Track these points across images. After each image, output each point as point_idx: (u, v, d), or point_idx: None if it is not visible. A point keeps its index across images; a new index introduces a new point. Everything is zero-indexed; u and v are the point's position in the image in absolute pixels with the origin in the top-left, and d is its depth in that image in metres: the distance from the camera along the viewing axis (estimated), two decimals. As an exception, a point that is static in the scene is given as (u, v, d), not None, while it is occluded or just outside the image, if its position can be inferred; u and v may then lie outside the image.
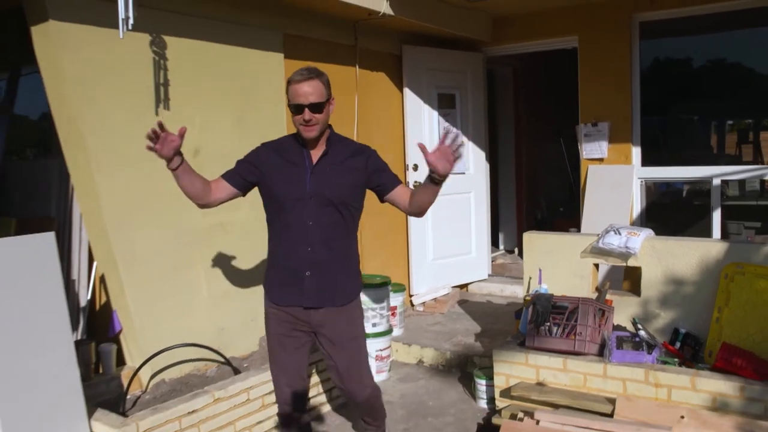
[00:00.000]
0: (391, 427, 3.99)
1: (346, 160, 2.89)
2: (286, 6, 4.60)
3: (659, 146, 6.00)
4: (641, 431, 3.23)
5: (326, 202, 2.82)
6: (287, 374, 2.98)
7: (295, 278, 2.87)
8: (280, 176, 2.87)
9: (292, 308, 2.89)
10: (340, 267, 2.92)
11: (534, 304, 3.95)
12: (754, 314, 3.57)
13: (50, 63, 3.47)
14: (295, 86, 2.76)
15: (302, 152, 2.88)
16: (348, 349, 2.94)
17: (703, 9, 5.42)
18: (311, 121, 2.75)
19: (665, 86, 6.18)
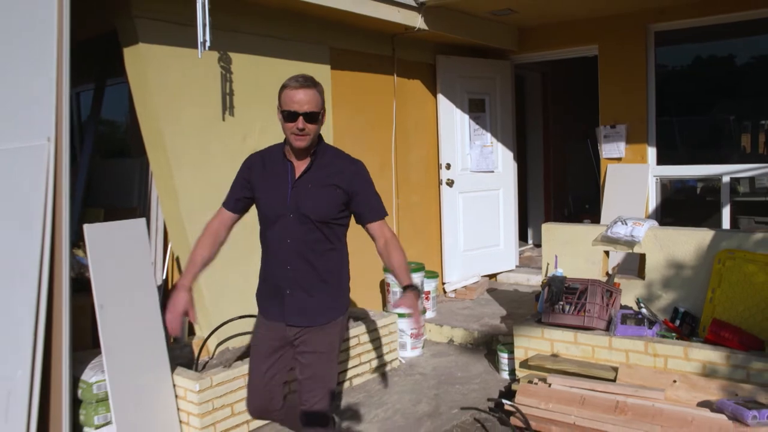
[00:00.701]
0: (424, 392, 4.59)
1: (329, 176, 2.78)
2: (332, 23, 5.22)
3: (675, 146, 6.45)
4: (638, 392, 3.76)
5: (305, 220, 2.74)
6: (257, 382, 2.93)
7: (277, 295, 2.85)
8: (264, 189, 2.82)
9: (276, 322, 2.89)
10: (321, 286, 2.84)
11: (549, 285, 4.50)
12: (742, 294, 4.07)
13: (138, 77, 4.14)
14: (290, 92, 2.68)
15: (286, 165, 2.81)
16: (313, 360, 2.84)
17: (711, 20, 5.89)
18: (304, 130, 2.67)
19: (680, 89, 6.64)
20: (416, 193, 6.44)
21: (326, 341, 2.86)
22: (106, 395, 3.55)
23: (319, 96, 2.72)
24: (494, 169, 6.97)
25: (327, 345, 2.86)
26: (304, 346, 2.83)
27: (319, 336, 2.83)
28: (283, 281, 2.81)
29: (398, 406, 4.35)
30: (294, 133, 2.69)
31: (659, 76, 6.25)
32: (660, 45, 6.23)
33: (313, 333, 2.82)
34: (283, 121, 2.71)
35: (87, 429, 3.57)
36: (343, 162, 2.85)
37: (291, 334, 2.85)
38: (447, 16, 5.83)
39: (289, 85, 2.69)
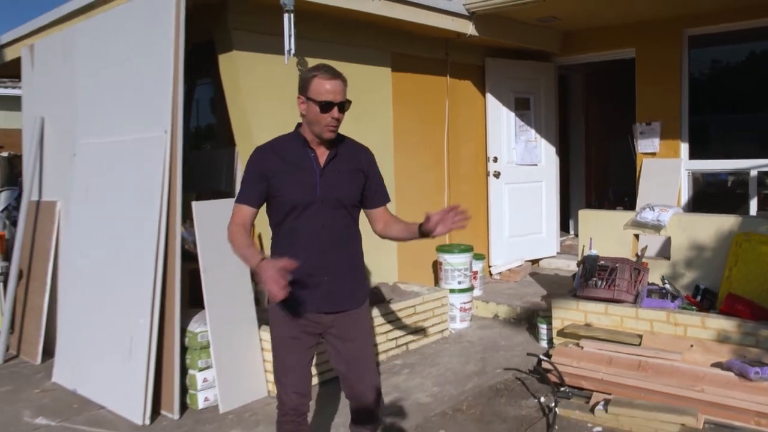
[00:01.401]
0: (471, 356, 5.23)
1: (351, 161, 2.83)
2: (393, 31, 5.88)
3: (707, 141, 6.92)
4: (658, 354, 4.34)
5: (338, 205, 2.76)
6: (293, 376, 2.87)
7: (312, 284, 2.77)
8: (288, 181, 2.73)
9: (307, 314, 2.81)
10: (354, 269, 2.90)
11: (584, 263, 5.10)
12: (756, 272, 4.61)
13: (230, 80, 4.88)
14: (323, 81, 2.63)
15: (307, 154, 2.76)
16: (356, 343, 2.88)
17: (742, 24, 6.35)
18: (339, 120, 2.68)
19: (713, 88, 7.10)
20: (466, 183, 7.07)
21: (365, 322, 2.96)
22: (207, 344, 4.29)
23: (346, 87, 2.70)
24: (538, 163, 7.55)
25: (367, 326, 2.97)
26: (345, 331, 2.85)
27: (358, 318, 2.89)
28: (318, 269, 2.76)
29: (449, 366, 5.01)
30: (329, 124, 2.65)
31: (694, 76, 6.75)
32: (694, 48, 6.73)
33: (351, 317, 2.86)
34: (319, 111, 2.63)
35: (191, 371, 4.31)
36: (358, 147, 2.91)
37: (326, 321, 2.83)
38: (495, 23, 6.44)
39: (320, 75, 2.64)
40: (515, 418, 4.04)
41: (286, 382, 2.86)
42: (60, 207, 5.51)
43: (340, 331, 2.84)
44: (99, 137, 4.89)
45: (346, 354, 2.86)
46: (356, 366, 2.87)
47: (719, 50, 7.01)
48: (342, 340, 2.85)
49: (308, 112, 2.68)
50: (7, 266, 5.73)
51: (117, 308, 4.42)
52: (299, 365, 2.86)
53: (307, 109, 2.68)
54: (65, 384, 4.84)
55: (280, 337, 2.88)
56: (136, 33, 4.52)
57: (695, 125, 6.78)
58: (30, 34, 6.27)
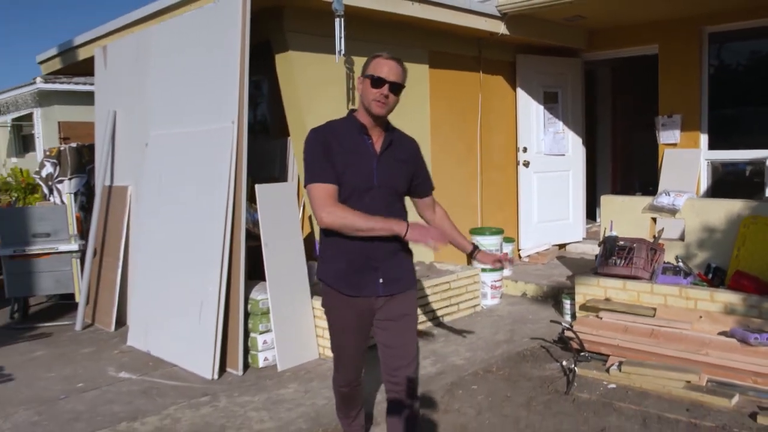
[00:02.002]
0: (501, 327, 5.76)
1: (403, 151, 2.95)
2: (431, 31, 6.40)
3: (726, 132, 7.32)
4: (670, 324, 4.83)
5: (392, 192, 2.87)
6: (354, 360, 3.05)
7: (370, 268, 2.86)
8: (347, 165, 2.79)
9: (362, 297, 2.90)
10: (403, 254, 2.97)
11: (604, 243, 5.59)
12: (761, 251, 5.05)
13: (286, 77, 5.46)
14: (381, 60, 2.77)
15: (364, 140, 2.85)
16: (403, 323, 2.96)
17: (760, 22, 6.74)
18: (388, 98, 2.75)
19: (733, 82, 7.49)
20: (497, 172, 7.58)
21: (413, 305, 3.03)
22: (267, 310, 4.89)
23: (404, 74, 2.81)
24: (565, 153, 8.03)
25: (414, 308, 3.04)
26: (393, 312, 2.93)
27: (406, 301, 2.98)
28: (374, 253, 2.84)
29: (481, 335, 5.55)
30: (377, 99, 2.73)
31: (713, 71, 7.17)
32: (714, 44, 7.13)
33: (400, 299, 2.94)
34: (370, 86, 2.74)
35: (253, 334, 4.91)
36: (408, 138, 3.03)
37: (378, 304, 2.92)
38: (525, 23, 6.93)
39: (382, 55, 2.80)
40: (539, 377, 4.57)
41: (345, 361, 3.07)
42: (131, 191, 6.16)
43: (390, 311, 2.92)
44: (170, 129, 5.51)
45: (393, 332, 2.95)
46: (400, 344, 2.95)
47: (738, 46, 7.39)
48: (391, 320, 2.94)
49: (363, 90, 2.79)
50: (84, 245, 6.41)
51: (188, 278, 5.04)
52: (356, 348, 3.02)
53: (363, 87, 2.80)
54: (139, 347, 5.49)
55: (338, 320, 3.00)
56: (206, 35, 5.12)
57: (714, 117, 7.19)
58: (101, 37, 6.93)
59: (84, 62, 7.48)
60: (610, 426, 3.76)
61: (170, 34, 5.57)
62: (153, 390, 4.57)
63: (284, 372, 4.82)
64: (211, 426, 3.93)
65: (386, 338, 2.95)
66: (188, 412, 4.16)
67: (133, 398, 4.43)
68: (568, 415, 3.94)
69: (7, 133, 18.87)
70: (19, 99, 16.48)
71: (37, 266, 6.35)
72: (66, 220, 6.48)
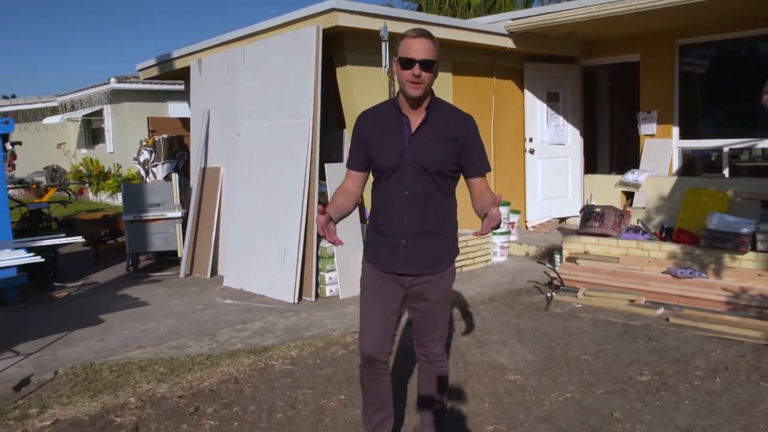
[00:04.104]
0: (506, 275, 7.55)
1: (444, 128, 2.85)
2: (454, 47, 8.17)
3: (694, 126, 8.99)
4: (627, 266, 6.58)
5: (422, 172, 2.80)
6: (372, 327, 3.00)
7: (391, 245, 2.91)
8: (381, 145, 2.85)
9: (386, 272, 2.96)
10: (434, 236, 2.93)
11: (583, 210, 7.35)
12: (697, 214, 6.78)
13: (345, 84, 7.30)
14: (408, 41, 2.73)
15: (401, 119, 2.84)
16: (431, 305, 2.99)
17: (722, 36, 8.39)
18: (420, 77, 2.70)
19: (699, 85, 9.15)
20: (508, 158, 9.35)
21: (442, 289, 3.00)
22: (332, 255, 6.73)
23: (434, 47, 2.75)
24: (564, 142, 9.77)
25: (443, 293, 3.01)
26: (421, 294, 2.96)
27: (435, 284, 2.96)
28: (397, 231, 2.88)
29: (489, 279, 7.36)
30: (410, 81, 2.71)
31: (684, 75, 8.85)
32: (684, 53, 8.81)
33: (429, 281, 2.94)
34: (400, 68, 2.74)
35: (322, 272, 6.77)
36: (456, 115, 2.92)
37: (405, 282, 2.95)
38: (529, 39, 8.68)
39: (408, 35, 2.75)
40: (528, 303, 6.36)
41: (365, 332, 3.02)
42: (223, 171, 8.06)
43: (418, 292, 2.96)
44: (258, 123, 7.39)
45: (422, 312, 3.01)
46: (428, 324, 3.03)
47: (703, 55, 9.08)
48: (420, 300, 2.98)
49: (397, 72, 2.79)
50: (185, 212, 8.34)
51: (274, 232, 6.91)
52: (381, 317, 2.99)
53: (397, 69, 2.79)
54: (234, 285, 7.39)
55: (366, 286, 3.05)
56: (287, 54, 6.98)
57: (683, 113, 8.88)
58: (195, 52, 8.85)
59: (178, 70, 9.41)
60: (571, 326, 5.54)
61: (258, 52, 7.46)
62: (252, 309, 6.47)
63: (345, 299, 6.67)
64: (298, 326, 5.80)
65: (416, 318, 3.06)
66: (281, 319, 6.04)
67: (240, 313, 6.33)
68: (544, 321, 5.73)
69: (77, 127, 21.07)
70: (93, 97, 18.63)
71: (150, 229, 8.29)
72: (172, 194, 8.41)
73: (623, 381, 4.28)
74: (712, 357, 4.64)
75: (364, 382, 3.14)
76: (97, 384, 4.50)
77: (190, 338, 5.54)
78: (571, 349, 4.93)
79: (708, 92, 9.09)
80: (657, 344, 4.95)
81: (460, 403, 3.99)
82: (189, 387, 4.38)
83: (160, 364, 4.84)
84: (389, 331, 3.02)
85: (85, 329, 5.93)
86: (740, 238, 6.12)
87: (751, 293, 5.60)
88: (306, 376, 4.53)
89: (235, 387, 4.37)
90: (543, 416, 3.80)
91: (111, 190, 17.62)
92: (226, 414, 3.95)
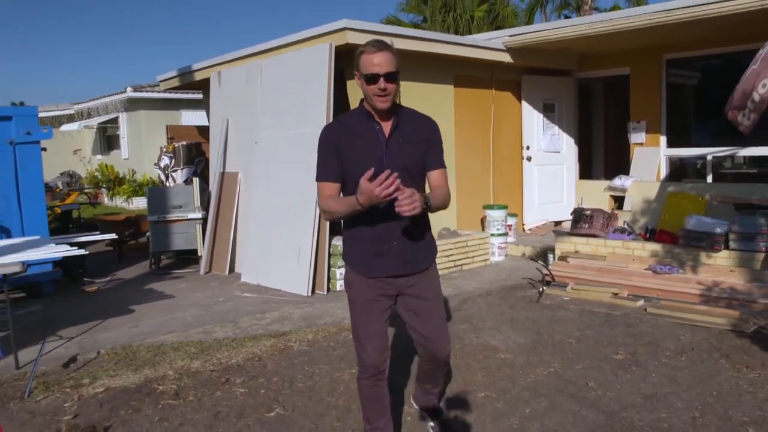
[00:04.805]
0: (502, 273, 8.15)
1: (415, 130, 2.97)
2: (455, 61, 8.80)
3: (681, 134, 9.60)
4: (612, 264, 7.18)
5: (404, 174, 2.80)
6: (373, 338, 3.02)
7: (382, 249, 2.96)
8: (357, 153, 2.89)
9: (380, 278, 2.99)
10: (420, 234, 3.05)
11: (574, 212, 7.96)
12: (677, 216, 7.37)
13: (354, 95, 7.92)
14: (368, 56, 2.77)
15: (373, 126, 2.91)
16: (429, 302, 3.09)
17: (705, 51, 9.02)
18: (386, 90, 2.77)
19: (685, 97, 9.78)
20: (506, 165, 9.96)
21: (435, 284, 3.14)
22: (342, 252, 7.35)
23: (394, 57, 2.81)
24: (560, 150, 10.38)
25: (437, 287, 3.15)
26: (417, 293, 3.06)
27: (428, 281, 3.10)
28: (387, 235, 2.94)
29: (487, 277, 7.96)
30: (377, 95, 2.79)
31: (670, 87, 9.47)
32: (670, 67, 9.43)
33: (422, 279, 3.07)
34: (365, 84, 2.81)
35: (333, 268, 7.38)
36: (422, 117, 3.06)
37: (400, 283, 3.03)
38: (525, 53, 9.31)
39: (367, 50, 2.79)
40: (522, 296, 6.95)
41: (365, 345, 3.03)
42: (240, 175, 8.70)
43: (413, 291, 3.06)
44: (274, 131, 8.03)
45: (421, 312, 3.08)
46: (430, 321, 3.11)
47: (688, 69, 9.70)
48: (416, 299, 3.08)
49: (362, 87, 2.86)
50: (205, 214, 8.97)
51: (289, 232, 7.53)
52: (376, 325, 3.04)
53: (361, 84, 2.86)
54: (251, 281, 8.00)
55: (358, 299, 3.06)
56: (303, 69, 7.62)
57: (670, 124, 9.49)
58: (214, 65, 9.51)
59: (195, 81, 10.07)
60: (558, 315, 6.14)
61: (275, 66, 8.10)
62: (270, 301, 7.08)
63: (353, 293, 7.28)
64: (312, 315, 6.41)
65: (419, 322, 3.12)
66: (296, 309, 6.65)
67: (259, 304, 6.94)
68: (534, 311, 6.33)
69: (93, 134, 21.79)
70: (109, 105, 19.35)
71: (173, 229, 8.93)
72: (193, 197, 9.04)
73: (600, 359, 4.87)
74: (681, 340, 5.24)
75: (363, 392, 3.16)
76: (137, 361, 5.11)
77: (215, 325, 6.16)
78: (557, 334, 5.53)
79: (693, 103, 9.72)
80: (633, 330, 5.55)
81: (456, 375, 4.59)
82: (219, 363, 5.00)
83: (190, 346, 5.45)
84: (385, 339, 3.10)
85: (119, 318, 6.55)
86: (715, 237, 6.72)
87: (722, 287, 6.19)
88: (321, 355, 5.14)
89: (259, 363, 4.98)
90: (528, 386, 4.40)
91: (126, 195, 18.30)
92: (253, 384, 4.56)
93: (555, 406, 4.05)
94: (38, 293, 7.60)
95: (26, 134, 7.41)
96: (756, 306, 5.85)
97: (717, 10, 6.99)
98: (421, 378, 3.48)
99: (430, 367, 3.32)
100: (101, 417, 4.08)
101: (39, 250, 5.58)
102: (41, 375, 4.83)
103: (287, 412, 4.09)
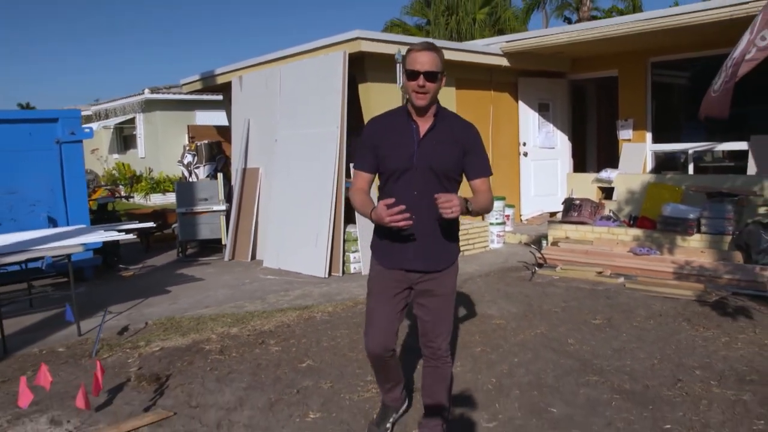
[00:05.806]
0: (500, 257, 8.97)
1: (451, 134, 3.05)
2: (456, 65, 9.61)
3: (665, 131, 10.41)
4: (598, 247, 8.00)
5: (431, 173, 2.95)
6: (379, 325, 3.17)
7: (400, 244, 3.06)
8: (391, 148, 3.02)
9: (395, 270, 3.12)
10: (441, 235, 3.09)
11: (565, 201, 8.78)
12: (657, 204, 8.18)
13: (365, 97, 8.75)
14: (414, 54, 2.93)
15: (410, 125, 3.02)
16: (438, 300, 3.15)
17: (687, 55, 9.82)
18: (424, 88, 2.90)
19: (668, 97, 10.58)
20: (504, 160, 10.78)
21: (448, 285, 3.18)
22: (356, 238, 8.16)
23: (438, 59, 2.93)
24: (554, 146, 11.20)
25: (449, 288, 3.19)
26: (428, 290, 3.14)
27: (441, 281, 3.14)
28: (407, 230, 2.98)
29: (486, 261, 8.78)
30: (415, 91, 2.91)
31: (655, 88, 10.28)
32: (655, 69, 10.24)
33: (435, 278, 3.13)
34: (407, 80, 2.95)
35: (347, 253, 8.20)
36: (461, 123, 3.15)
37: (413, 278, 3.13)
38: (521, 57, 10.12)
39: (414, 49, 2.96)
40: (517, 276, 7.77)
41: (372, 333, 3.21)
42: (261, 171, 9.53)
43: (426, 287, 3.14)
44: (293, 131, 8.86)
45: (429, 308, 3.18)
46: (436, 319, 3.19)
47: (671, 71, 10.52)
48: (428, 297, 3.16)
49: (405, 83, 3.00)
50: (229, 206, 9.81)
51: (308, 220, 8.36)
52: (387, 316, 3.17)
53: (405, 80, 3.01)
54: (272, 266, 8.84)
55: (374, 286, 3.24)
56: (319, 73, 8.45)
57: (655, 121, 10.30)
58: (235, 70, 10.35)
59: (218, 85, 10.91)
60: (548, 290, 6.95)
61: (293, 71, 8.94)
62: (291, 282, 7.92)
63: (366, 275, 8.08)
64: (331, 292, 7.23)
65: (423, 315, 3.22)
66: (316, 288, 7.48)
67: (282, 284, 7.77)
68: (527, 288, 7.14)
69: (110, 134, 22.66)
70: (126, 106, 20.21)
71: (199, 220, 9.77)
72: (217, 190, 9.88)
73: (581, 323, 5.70)
74: (652, 308, 6.06)
75: (371, 362, 3.40)
76: (182, 329, 5.95)
77: (245, 301, 7.00)
78: (545, 304, 6.36)
79: (676, 102, 10.54)
80: (612, 301, 6.37)
81: (457, 336, 5.42)
82: (253, 329, 5.83)
83: (226, 317, 6.29)
84: (393, 330, 3.21)
85: (158, 297, 7.38)
86: (688, 223, 7.54)
87: (693, 265, 7.00)
88: (341, 323, 5.97)
89: (288, 329, 5.82)
90: (517, 342, 5.23)
91: (144, 192, 19.15)
92: (285, 344, 5.40)
93: (539, 357, 4.88)
94: (81, 278, 8.43)
95: (71, 134, 8.24)
96: (720, 281, 6.66)
97: (691, 20, 7.81)
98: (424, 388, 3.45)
99: (429, 366, 3.35)
100: (161, 368, 4.92)
101: (91, 235, 6.42)
102: (101, 341, 5.67)
103: (316, 363, 4.92)
